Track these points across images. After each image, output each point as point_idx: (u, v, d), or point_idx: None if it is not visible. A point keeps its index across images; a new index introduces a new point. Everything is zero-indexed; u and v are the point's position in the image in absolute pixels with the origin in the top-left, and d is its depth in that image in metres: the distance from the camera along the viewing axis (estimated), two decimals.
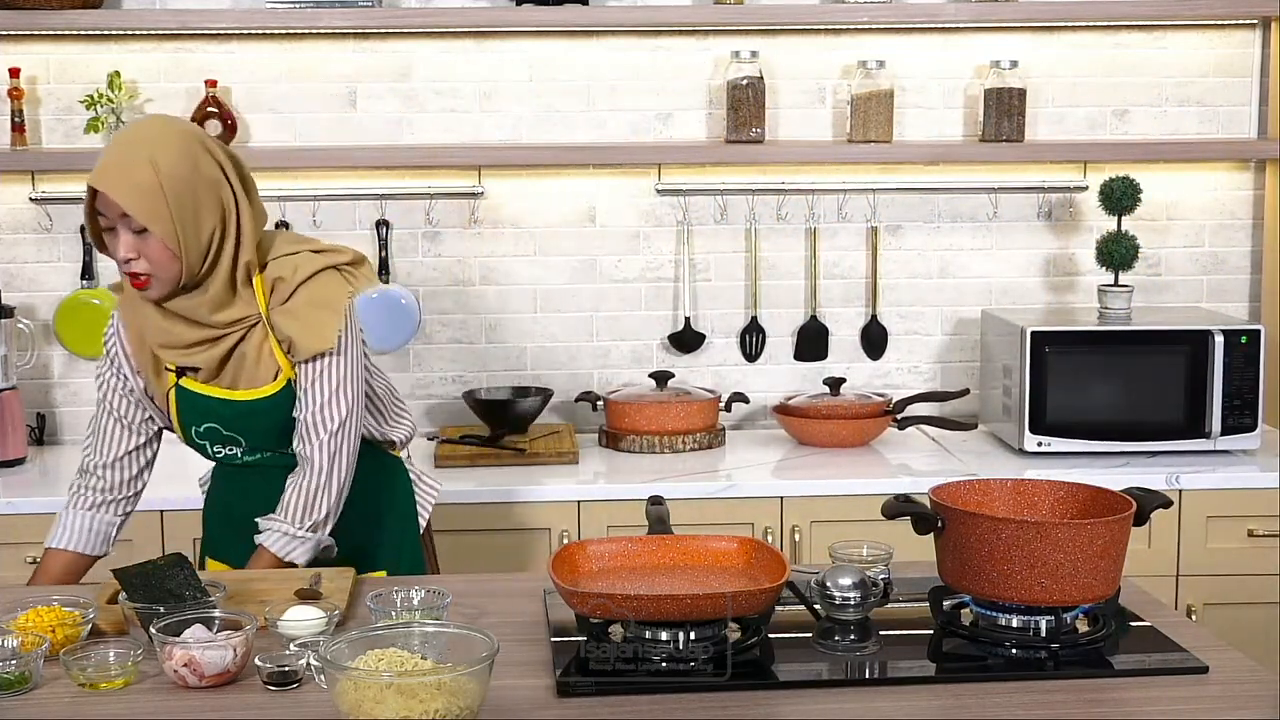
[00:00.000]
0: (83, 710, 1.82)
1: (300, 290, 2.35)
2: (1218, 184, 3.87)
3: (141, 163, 2.21)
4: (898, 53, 3.76)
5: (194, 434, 2.44)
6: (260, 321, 2.35)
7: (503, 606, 2.19)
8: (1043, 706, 1.83)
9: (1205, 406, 3.44)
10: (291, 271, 2.35)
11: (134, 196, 2.20)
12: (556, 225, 3.78)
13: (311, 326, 2.34)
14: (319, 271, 2.37)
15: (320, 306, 2.35)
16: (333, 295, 2.36)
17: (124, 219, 2.23)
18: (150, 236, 2.23)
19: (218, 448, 2.46)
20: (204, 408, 2.40)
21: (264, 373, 2.37)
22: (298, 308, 2.34)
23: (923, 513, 2.07)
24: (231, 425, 2.41)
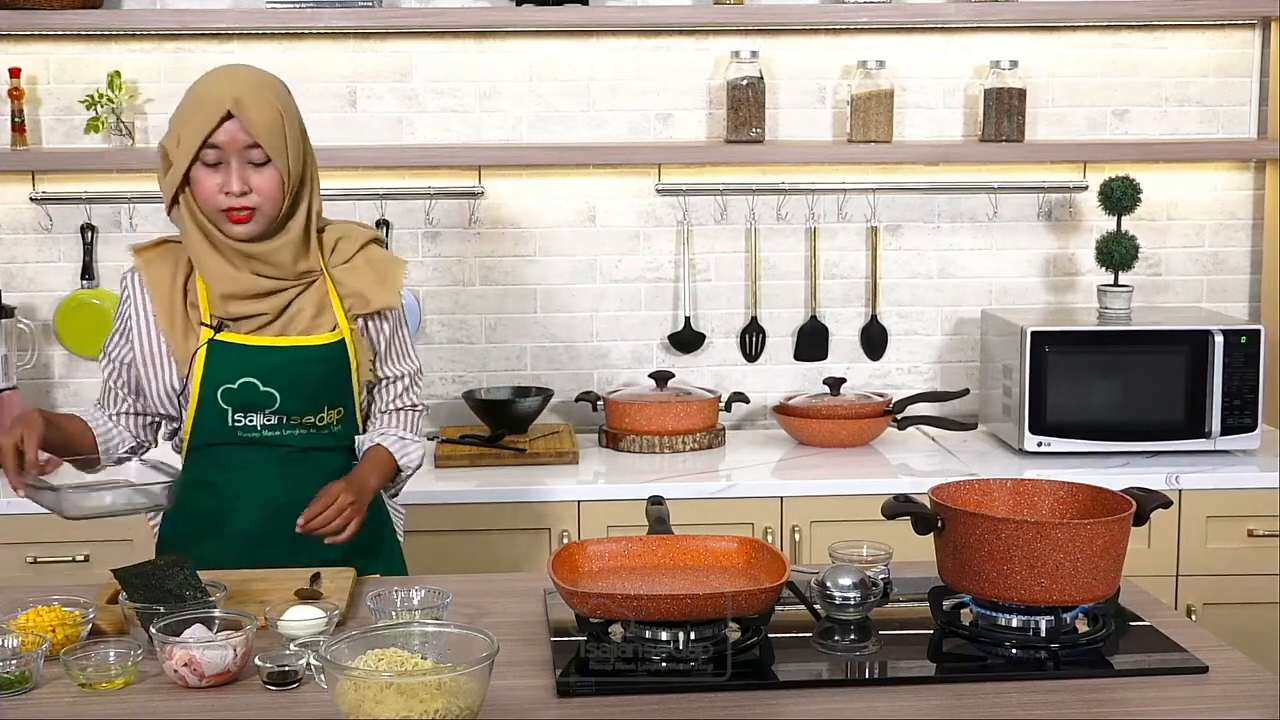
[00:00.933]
0: (83, 710, 1.82)
1: (361, 253, 2.46)
2: (1218, 184, 3.87)
3: (269, 97, 2.33)
4: (898, 53, 3.76)
5: (219, 396, 2.38)
6: (321, 276, 2.43)
7: (503, 606, 2.19)
8: (1043, 706, 1.83)
9: (1205, 406, 3.44)
10: (351, 234, 2.48)
11: (266, 127, 2.31)
12: (556, 225, 3.78)
13: (380, 283, 2.45)
14: (374, 241, 2.51)
15: (384, 269, 2.48)
16: (393, 264, 2.50)
17: (247, 150, 2.31)
18: (267, 169, 2.32)
19: (240, 415, 2.39)
20: (244, 360, 2.37)
21: (321, 324, 2.41)
22: (362, 267, 2.45)
23: (923, 513, 2.07)
24: (272, 378, 2.38)
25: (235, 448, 2.42)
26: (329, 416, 2.45)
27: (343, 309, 2.43)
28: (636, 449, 3.56)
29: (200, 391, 2.39)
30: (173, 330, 2.39)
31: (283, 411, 2.41)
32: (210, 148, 2.31)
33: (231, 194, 2.31)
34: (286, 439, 2.42)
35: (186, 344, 2.39)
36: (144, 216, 3.69)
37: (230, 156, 2.31)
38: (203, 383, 2.38)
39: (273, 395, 2.39)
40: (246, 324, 2.39)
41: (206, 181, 2.32)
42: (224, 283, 2.37)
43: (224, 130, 2.30)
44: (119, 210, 3.69)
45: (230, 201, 2.31)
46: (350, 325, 2.44)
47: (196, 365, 2.38)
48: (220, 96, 2.30)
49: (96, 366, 3.69)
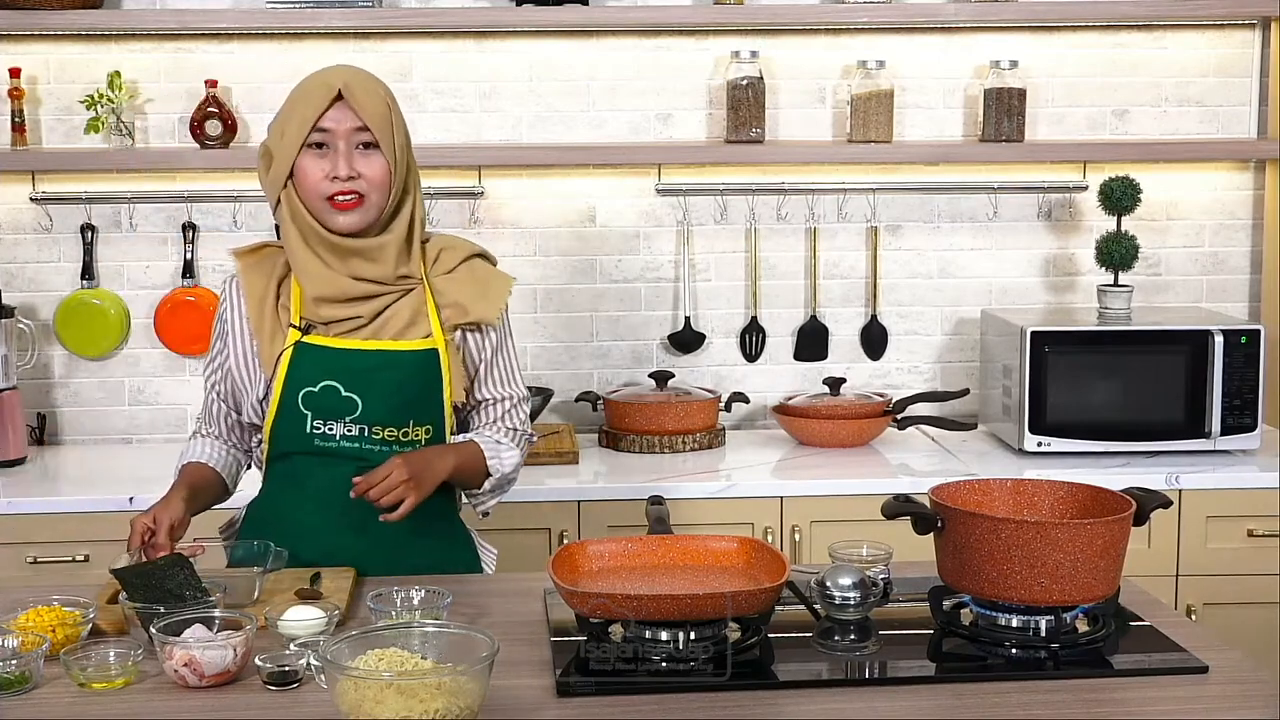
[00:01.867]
0: (83, 710, 1.82)
1: (465, 266, 2.42)
2: (1218, 184, 3.87)
3: (377, 88, 2.34)
4: (898, 53, 3.76)
5: (301, 400, 2.32)
6: (421, 284, 2.38)
7: (503, 606, 2.19)
8: (1043, 706, 1.83)
9: (1205, 406, 3.44)
10: (452, 247, 2.44)
11: (374, 110, 2.31)
12: (556, 225, 3.78)
13: (482, 296, 2.40)
14: (478, 255, 2.46)
15: (487, 283, 2.43)
16: (498, 280, 2.45)
17: (356, 133, 2.29)
18: (374, 155, 2.30)
19: (319, 422, 2.33)
20: (329, 363, 2.32)
21: (414, 331, 2.35)
22: (464, 278, 2.41)
23: (923, 513, 2.07)
24: (355, 383, 2.32)
25: (311, 459, 2.36)
26: (414, 433, 2.36)
27: (439, 319, 2.37)
28: (636, 449, 3.56)
29: (281, 394, 2.34)
30: (262, 333, 2.35)
31: (364, 421, 2.33)
32: (318, 131, 2.29)
33: (339, 179, 2.28)
34: (365, 452, 2.34)
35: (273, 346, 2.34)
36: (144, 216, 3.69)
37: (338, 141, 2.29)
38: (285, 385, 2.33)
39: (354, 401, 2.33)
40: (337, 327, 2.34)
41: (312, 168, 2.30)
42: (319, 284, 2.32)
43: (332, 114, 2.29)
44: (119, 210, 3.69)
45: (337, 186, 2.28)
46: (446, 336, 2.37)
47: (280, 367, 2.33)
48: (330, 81, 2.31)
49: (97, 366, 3.72)
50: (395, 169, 2.33)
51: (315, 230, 2.32)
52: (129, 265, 3.72)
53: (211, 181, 3.68)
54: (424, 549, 2.40)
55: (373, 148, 2.31)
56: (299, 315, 2.35)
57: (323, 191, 2.29)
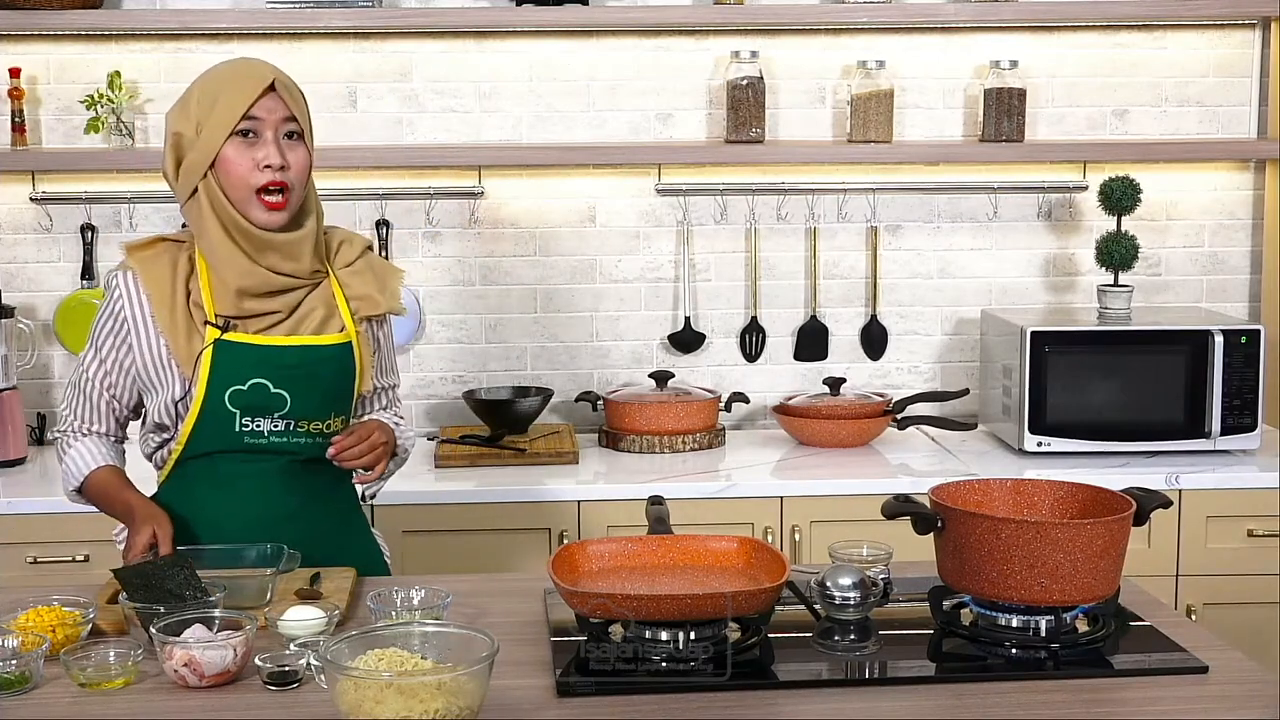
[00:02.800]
0: (83, 710, 1.82)
1: (363, 259, 2.45)
2: (1218, 184, 3.87)
3: (294, 81, 2.36)
4: (898, 53, 3.76)
5: (228, 398, 2.29)
6: (328, 277, 2.41)
7: (503, 606, 2.19)
8: (1043, 706, 1.83)
9: (1205, 406, 3.44)
10: (351, 240, 2.47)
11: (297, 101, 2.33)
12: (556, 225, 3.78)
13: (385, 288, 2.45)
14: (369, 249, 2.50)
15: (384, 276, 2.47)
16: (392, 272, 2.50)
17: (284, 123, 2.30)
18: (299, 146, 2.32)
19: (247, 420, 2.31)
20: (255, 360, 2.30)
21: (331, 325, 2.37)
22: (364, 271, 2.44)
23: (923, 513, 2.07)
24: (283, 379, 2.31)
25: (236, 456, 2.34)
26: (334, 424, 2.37)
27: (349, 311, 2.40)
28: (636, 449, 3.56)
29: (206, 395, 2.30)
30: (174, 331, 2.30)
31: (292, 416, 2.33)
32: (248, 119, 2.27)
33: (271, 167, 2.26)
34: (293, 446, 2.35)
35: (190, 345, 2.29)
36: (144, 216, 3.69)
37: (267, 130, 2.28)
38: (209, 385, 2.29)
39: (283, 397, 2.32)
40: (254, 323, 2.32)
41: (239, 159, 2.27)
42: (241, 276, 2.30)
43: (264, 103, 2.28)
44: (119, 210, 3.69)
45: (268, 177, 2.26)
46: (357, 329, 2.40)
47: (201, 367, 2.29)
48: (260, 73, 2.30)
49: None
50: (311, 160, 2.34)
51: (237, 221, 2.29)
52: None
53: None
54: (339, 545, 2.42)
55: (297, 137, 2.32)
56: (213, 313, 2.32)
57: (253, 182, 2.27)
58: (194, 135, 2.29)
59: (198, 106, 2.30)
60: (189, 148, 2.30)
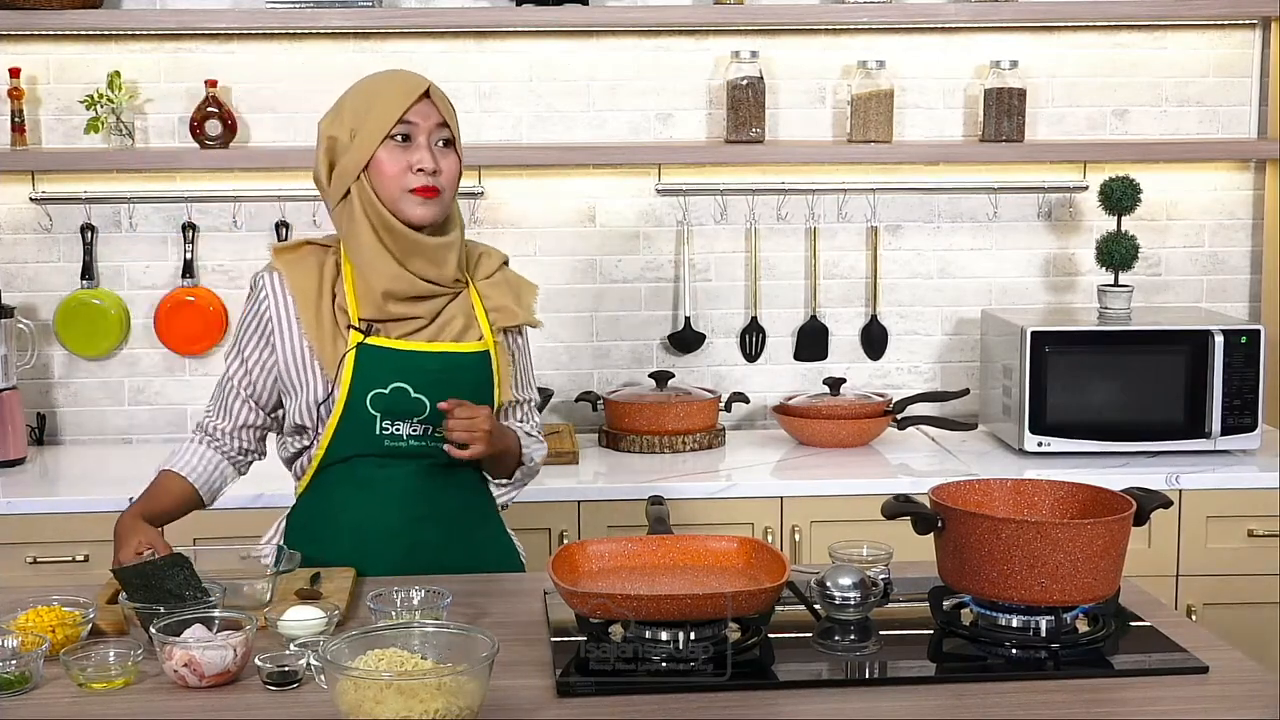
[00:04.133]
0: (83, 710, 1.82)
1: (501, 272, 2.49)
2: (1218, 184, 3.87)
3: (444, 92, 2.39)
4: (898, 53, 3.76)
5: (369, 402, 2.32)
6: (467, 288, 2.43)
7: (503, 606, 2.19)
8: (1043, 706, 1.83)
9: (1205, 406, 3.44)
10: (490, 253, 2.51)
11: (451, 112, 2.38)
12: (556, 225, 3.78)
13: (523, 300, 2.48)
14: (504, 263, 2.52)
15: (519, 290, 2.49)
16: (527, 286, 2.51)
17: (437, 129, 2.34)
18: (451, 153, 2.35)
19: (387, 423, 2.33)
20: (396, 365, 2.33)
21: (470, 334, 2.39)
22: (501, 284, 2.46)
23: (923, 513, 2.07)
24: (424, 384, 2.33)
25: (375, 460, 2.36)
26: None
27: (488, 322, 2.41)
28: (636, 449, 3.57)
29: (348, 397, 2.32)
30: (319, 334, 2.34)
31: (430, 421, 2.34)
32: (403, 124, 2.31)
33: (424, 171, 2.30)
34: (431, 450, 2.35)
35: (334, 347, 2.33)
36: (144, 216, 3.69)
37: (421, 135, 2.32)
38: (351, 387, 2.32)
39: (422, 402, 2.33)
40: (396, 328, 2.35)
41: (392, 162, 2.31)
42: (388, 279, 2.33)
43: (418, 109, 2.32)
44: (119, 210, 3.69)
45: (420, 180, 2.30)
46: (495, 339, 2.41)
47: (345, 370, 2.32)
48: (415, 81, 2.35)
49: (97, 366, 3.71)
50: (460, 168, 2.39)
51: (388, 223, 2.33)
52: (129, 265, 3.72)
53: (211, 181, 3.68)
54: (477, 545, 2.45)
55: (450, 145, 2.36)
56: (357, 316, 2.35)
57: (406, 184, 2.31)
58: (348, 140, 2.33)
59: (351, 113, 2.35)
60: (342, 152, 2.34)
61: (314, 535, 2.39)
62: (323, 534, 2.38)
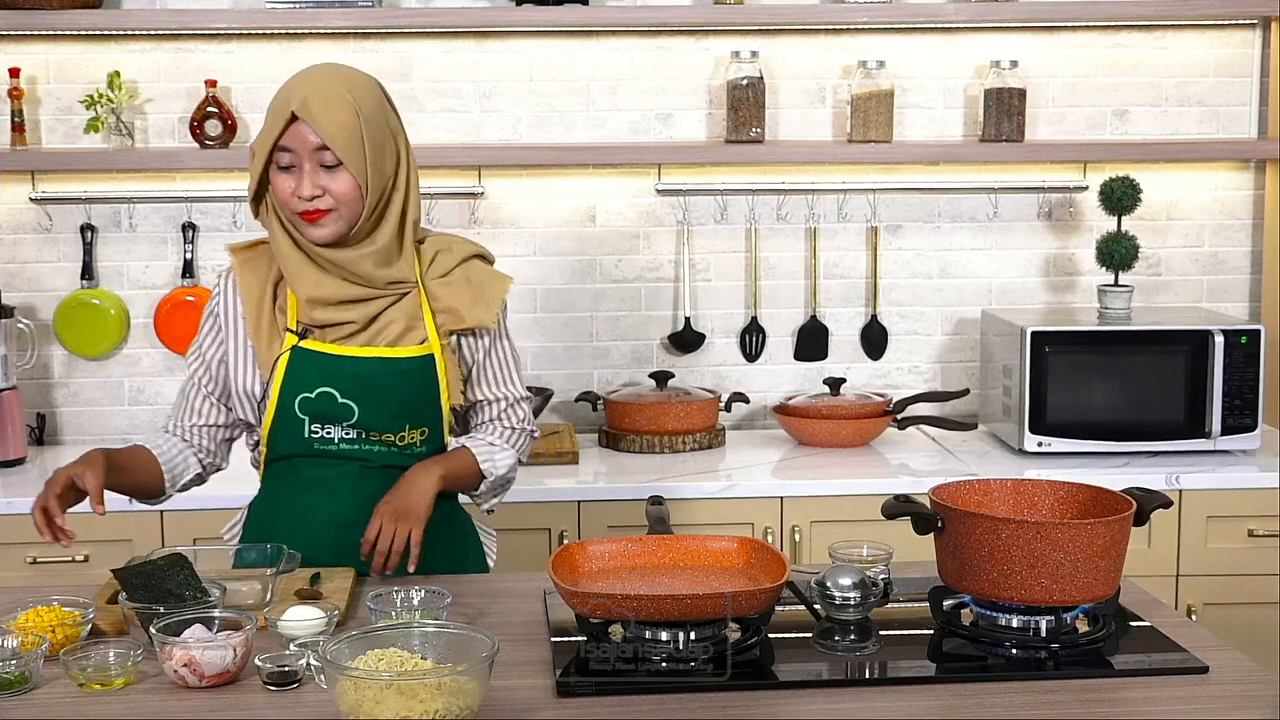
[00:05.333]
0: (83, 710, 1.82)
1: (462, 268, 2.39)
2: (1218, 184, 3.87)
3: (343, 98, 2.25)
4: (898, 53, 3.76)
5: (297, 406, 2.31)
6: (416, 289, 2.35)
7: (503, 606, 2.19)
8: (1043, 706, 1.83)
9: (1205, 406, 3.44)
10: (450, 247, 2.40)
11: (335, 129, 2.23)
12: (556, 225, 3.78)
13: (478, 300, 2.37)
14: (476, 256, 2.42)
15: (484, 286, 2.39)
16: (494, 282, 2.41)
17: (317, 153, 2.23)
18: (340, 173, 2.24)
19: (317, 426, 2.32)
20: (325, 370, 2.30)
21: (410, 338, 2.33)
22: (459, 282, 2.37)
23: (923, 513, 2.07)
24: (351, 389, 2.30)
25: (311, 460, 2.35)
26: (410, 436, 2.36)
27: (434, 324, 2.35)
28: (636, 449, 3.57)
29: (279, 399, 2.32)
30: (259, 334, 2.33)
31: (361, 426, 2.33)
32: (282, 150, 2.25)
33: (302, 198, 2.24)
34: (365, 454, 2.35)
35: (271, 349, 2.32)
36: (144, 216, 3.69)
37: (302, 160, 2.24)
38: (281, 390, 2.32)
39: (350, 408, 2.31)
40: (333, 332, 2.32)
41: (281, 185, 2.26)
42: (309, 287, 2.30)
43: (293, 133, 2.24)
44: (119, 210, 3.69)
45: (303, 205, 2.25)
46: (442, 341, 2.35)
47: (277, 371, 2.31)
48: (289, 97, 2.25)
49: (97, 366, 3.71)
50: (368, 182, 2.26)
51: (299, 239, 2.30)
52: (129, 265, 3.72)
53: (211, 181, 3.68)
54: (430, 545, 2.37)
55: (337, 166, 2.24)
56: (295, 319, 2.33)
57: (294, 207, 2.26)
58: (250, 157, 2.32)
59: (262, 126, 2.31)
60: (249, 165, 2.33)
61: (268, 527, 2.39)
62: (275, 527, 2.37)
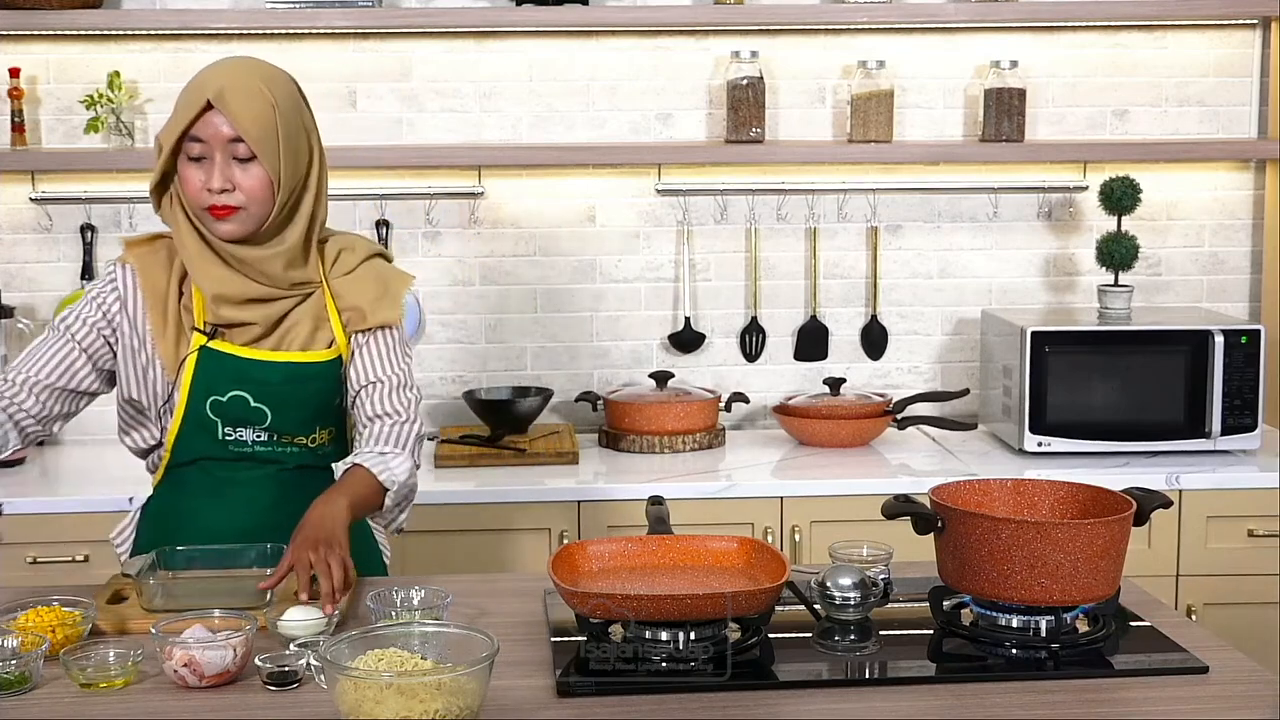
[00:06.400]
0: (83, 710, 1.82)
1: (365, 266, 2.35)
2: (1218, 184, 3.87)
3: (259, 91, 2.19)
4: (898, 53, 3.76)
5: (208, 407, 2.26)
6: (321, 288, 2.31)
7: (503, 606, 2.19)
8: (1043, 706, 1.83)
9: (1205, 406, 3.44)
10: (352, 246, 2.37)
11: (250, 121, 2.17)
12: (556, 225, 3.78)
13: (381, 297, 2.33)
14: (378, 255, 2.40)
15: (388, 283, 2.36)
16: (397, 280, 2.38)
17: (230, 145, 2.18)
18: (252, 167, 2.19)
19: (229, 429, 2.28)
20: (236, 373, 2.26)
21: (319, 340, 2.30)
22: (363, 280, 2.33)
23: (923, 513, 2.07)
24: (264, 394, 2.26)
25: (226, 463, 2.32)
26: (320, 436, 2.35)
27: (341, 324, 2.32)
28: (636, 449, 3.56)
29: (188, 401, 2.27)
30: (164, 333, 2.26)
31: (274, 429, 2.30)
32: (193, 140, 2.18)
33: (212, 190, 2.18)
34: (279, 456, 2.32)
35: (177, 350, 2.26)
36: (144, 216, 3.69)
37: (214, 151, 2.18)
38: (191, 392, 2.26)
39: (263, 412, 2.28)
40: (241, 334, 2.27)
41: (190, 177, 2.20)
42: (214, 283, 2.24)
43: (206, 122, 2.17)
44: (119, 210, 3.69)
45: (211, 199, 2.18)
46: (348, 342, 2.32)
47: (185, 373, 2.26)
48: (204, 85, 2.18)
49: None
50: (281, 179, 2.20)
51: (205, 234, 2.25)
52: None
53: None
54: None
55: (250, 160, 2.19)
56: (202, 319, 2.27)
57: (200, 201, 2.20)
58: (157, 149, 2.25)
59: (170, 116, 2.24)
60: (156, 158, 2.26)
61: (169, 531, 2.32)
62: (177, 532, 2.30)
